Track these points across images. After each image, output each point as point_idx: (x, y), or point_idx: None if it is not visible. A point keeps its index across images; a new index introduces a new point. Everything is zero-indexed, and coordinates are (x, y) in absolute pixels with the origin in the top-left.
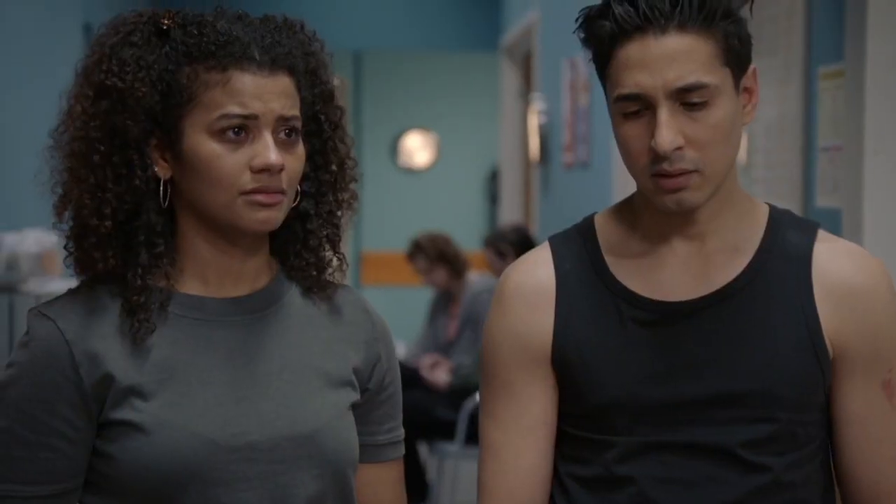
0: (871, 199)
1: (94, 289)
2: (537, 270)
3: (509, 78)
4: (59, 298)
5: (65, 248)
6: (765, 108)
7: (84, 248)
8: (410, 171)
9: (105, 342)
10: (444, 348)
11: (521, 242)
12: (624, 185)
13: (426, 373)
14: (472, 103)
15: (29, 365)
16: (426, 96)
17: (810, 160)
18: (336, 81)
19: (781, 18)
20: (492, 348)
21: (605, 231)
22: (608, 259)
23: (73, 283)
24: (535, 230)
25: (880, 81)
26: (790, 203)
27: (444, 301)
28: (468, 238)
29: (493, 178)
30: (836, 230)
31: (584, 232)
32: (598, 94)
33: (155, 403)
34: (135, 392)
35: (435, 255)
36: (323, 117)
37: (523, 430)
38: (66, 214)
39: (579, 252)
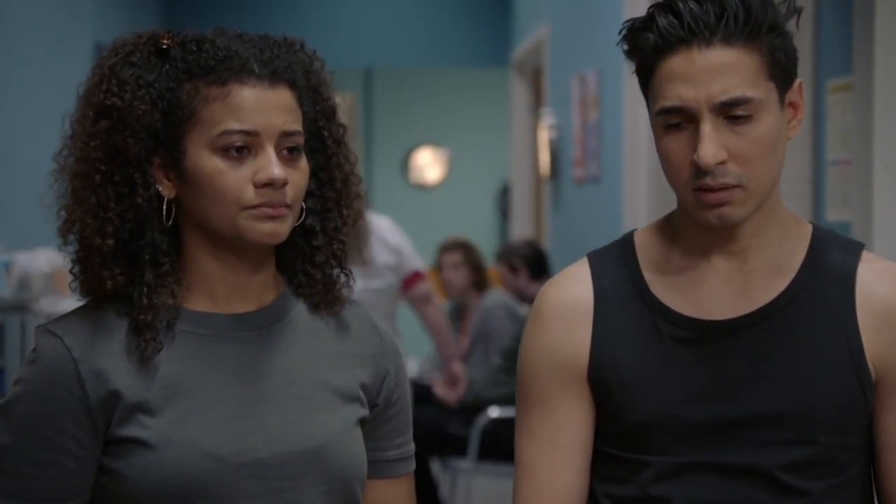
0: (880, 212)
1: (100, 307)
2: (575, 287)
3: (519, 93)
4: (66, 316)
5: (70, 271)
6: None
7: (90, 269)
8: (421, 187)
9: (112, 359)
10: None
11: (534, 258)
12: (634, 200)
13: (439, 389)
14: (482, 119)
15: (35, 382)
16: (437, 112)
17: (820, 174)
18: (338, 99)
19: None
20: (528, 365)
21: (645, 247)
22: (647, 276)
23: (82, 302)
24: (546, 245)
25: (889, 94)
26: (800, 217)
27: (456, 315)
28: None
29: (504, 194)
30: None
31: (624, 248)
32: (607, 110)
33: (162, 420)
34: (142, 408)
35: (473, 262)
36: (326, 134)
37: (559, 447)
38: (71, 237)
39: (618, 268)
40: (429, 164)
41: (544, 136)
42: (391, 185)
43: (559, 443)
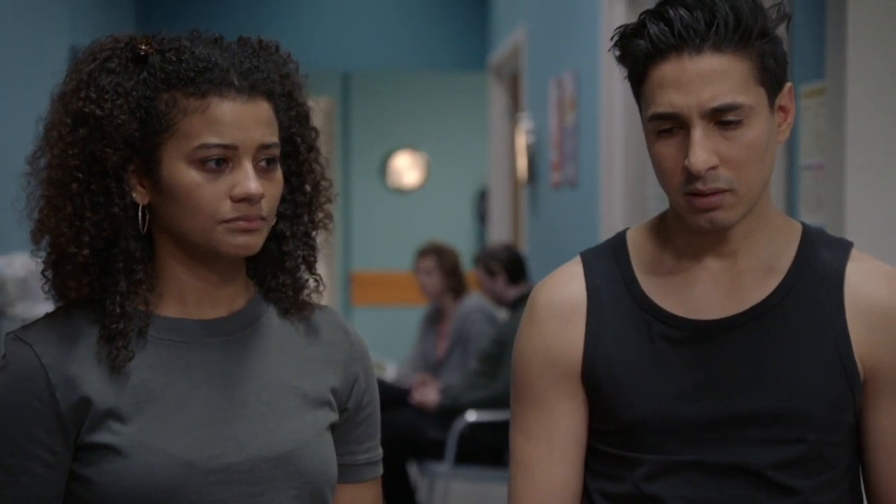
0: (853, 215)
1: (71, 314)
2: (569, 285)
3: (497, 97)
4: (36, 323)
5: (42, 273)
6: None
7: (61, 275)
8: (400, 191)
9: (82, 366)
10: (434, 368)
11: (511, 261)
12: (611, 204)
13: (417, 393)
14: (460, 123)
15: (5, 389)
16: (414, 116)
17: (794, 178)
18: (311, 103)
19: None
20: (523, 363)
21: (637, 247)
22: (639, 276)
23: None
24: (523, 249)
25: (861, 99)
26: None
27: (434, 319)
28: None
29: (482, 198)
30: None
31: (616, 247)
32: (584, 113)
33: (133, 426)
34: (112, 415)
35: (448, 267)
36: (299, 139)
37: (554, 444)
38: (44, 241)
39: (611, 268)
40: (407, 168)
41: (522, 140)
42: (369, 189)
43: (554, 439)
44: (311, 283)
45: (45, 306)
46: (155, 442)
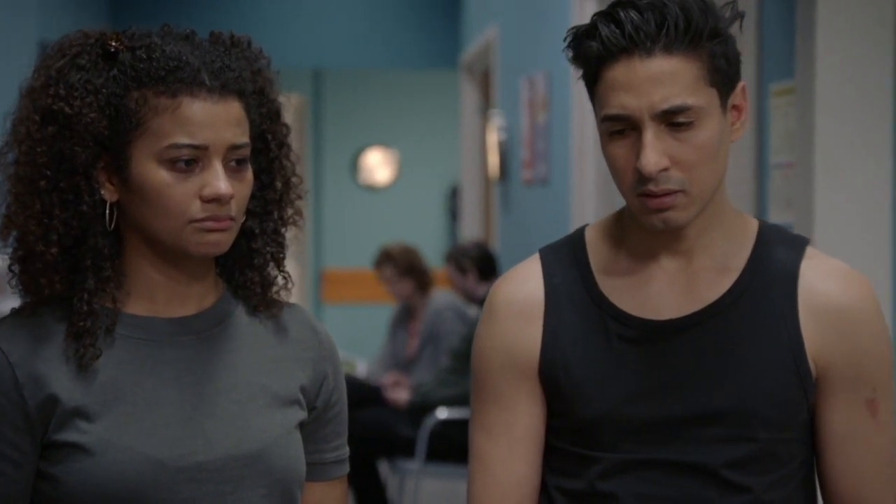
0: (822, 214)
1: (39, 311)
2: (527, 283)
3: (469, 95)
4: (3, 320)
5: (10, 269)
6: None
7: (30, 273)
8: (371, 189)
9: (50, 365)
10: (404, 366)
11: (483, 259)
12: (582, 201)
13: (387, 391)
14: (432, 120)
15: None
16: (386, 113)
17: (763, 176)
18: (283, 99)
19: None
20: (482, 360)
21: (595, 246)
22: (597, 274)
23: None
24: (495, 246)
25: (830, 98)
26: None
27: (404, 317)
28: (429, 254)
29: (454, 195)
30: None
31: (574, 246)
32: (556, 112)
33: (100, 425)
34: (80, 413)
35: (404, 267)
36: (270, 136)
37: (513, 440)
38: (11, 237)
39: (569, 267)
40: (378, 166)
41: (493, 138)
42: (341, 186)
43: (513, 436)
44: (280, 280)
45: (15, 302)
46: (123, 440)
